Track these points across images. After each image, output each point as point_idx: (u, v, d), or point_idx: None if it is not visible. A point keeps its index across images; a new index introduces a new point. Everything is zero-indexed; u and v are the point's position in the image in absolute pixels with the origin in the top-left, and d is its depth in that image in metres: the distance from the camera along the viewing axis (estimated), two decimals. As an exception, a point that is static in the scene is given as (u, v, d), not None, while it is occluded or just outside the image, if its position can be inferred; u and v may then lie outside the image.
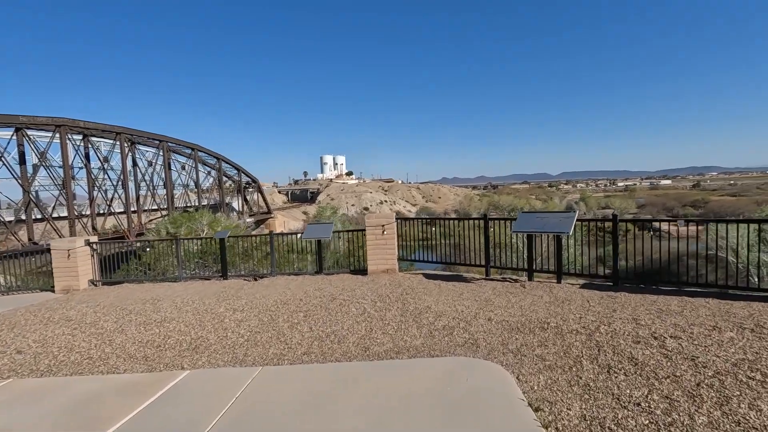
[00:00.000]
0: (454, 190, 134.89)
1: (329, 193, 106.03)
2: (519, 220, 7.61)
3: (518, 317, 5.41)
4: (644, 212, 77.92)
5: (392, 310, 6.18)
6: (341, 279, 8.93)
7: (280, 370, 4.20)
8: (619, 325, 4.76)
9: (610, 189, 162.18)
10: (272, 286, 8.72)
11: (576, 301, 6.03)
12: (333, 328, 5.48)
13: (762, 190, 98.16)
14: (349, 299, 7.03)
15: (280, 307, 6.85)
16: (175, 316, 6.70)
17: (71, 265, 9.63)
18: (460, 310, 5.94)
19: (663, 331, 4.47)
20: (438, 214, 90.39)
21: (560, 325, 4.96)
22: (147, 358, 4.85)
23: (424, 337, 4.92)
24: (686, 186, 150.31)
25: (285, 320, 6.05)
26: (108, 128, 43.09)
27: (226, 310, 6.85)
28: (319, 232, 9.36)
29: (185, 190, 60.42)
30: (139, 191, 49.82)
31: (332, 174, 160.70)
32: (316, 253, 9.61)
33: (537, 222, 7.33)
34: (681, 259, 15.54)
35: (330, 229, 9.36)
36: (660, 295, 6.11)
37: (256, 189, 76.25)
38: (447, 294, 6.97)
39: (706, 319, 4.82)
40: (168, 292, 8.79)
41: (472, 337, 4.79)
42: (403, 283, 8.05)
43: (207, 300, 7.73)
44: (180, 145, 56.23)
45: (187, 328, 5.98)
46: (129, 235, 41.04)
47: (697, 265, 6.94)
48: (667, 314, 5.10)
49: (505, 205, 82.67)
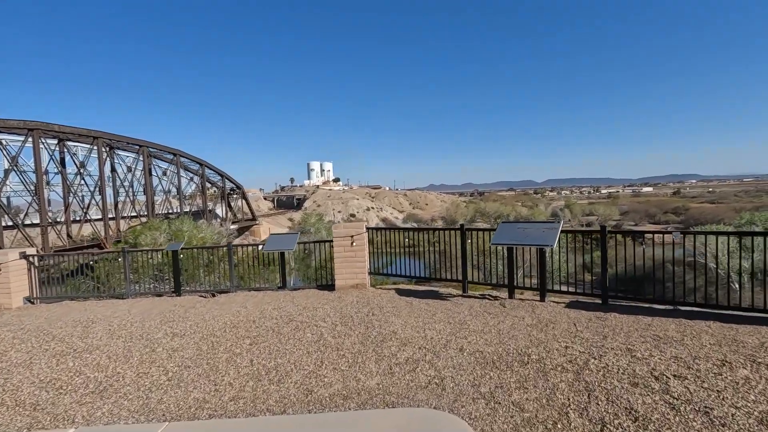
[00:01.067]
0: (441, 197, 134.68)
1: (316, 199, 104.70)
2: (499, 232, 6.87)
3: (495, 346, 4.64)
4: (627, 219, 78.63)
5: (353, 336, 5.35)
6: (306, 295, 8.06)
7: (188, 428, 3.33)
8: (612, 359, 4.02)
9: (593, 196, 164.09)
10: (228, 303, 7.81)
11: (561, 325, 5.28)
12: (278, 361, 4.63)
13: (739, 197, 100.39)
14: (307, 321, 6.18)
15: (227, 331, 5.96)
16: (103, 343, 5.76)
17: (2, 281, 8.56)
18: (429, 336, 5.14)
19: (664, 368, 3.73)
20: (425, 220, 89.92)
21: (543, 358, 4.19)
22: (37, 406, 3.92)
23: (381, 374, 4.10)
24: (667, 193, 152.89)
25: (226, 349, 5.17)
26: (85, 132, 41.47)
27: (165, 336, 5.93)
28: (282, 244, 8.49)
29: (167, 197, 58.73)
30: (117, 197, 48.08)
31: (319, 180, 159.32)
32: (280, 266, 8.72)
33: (518, 233, 6.59)
34: (665, 265, 15.35)
35: (294, 240, 8.50)
36: (654, 316, 5.41)
37: (240, 195, 74.66)
38: (418, 314, 6.16)
39: (711, 349, 4.10)
40: (109, 311, 7.81)
41: (439, 374, 3.99)
42: (372, 300, 7.23)
43: (149, 322, 6.79)
44: (161, 150, 54.67)
45: (108, 360, 5.05)
46: (106, 243, 39.40)
47: (684, 273, 6.40)
48: (665, 343, 4.38)
49: (491, 212, 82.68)
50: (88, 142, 41.87)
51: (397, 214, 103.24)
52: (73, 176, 41.44)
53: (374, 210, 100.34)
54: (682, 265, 7.04)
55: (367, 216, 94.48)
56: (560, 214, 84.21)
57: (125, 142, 47.61)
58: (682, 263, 7.11)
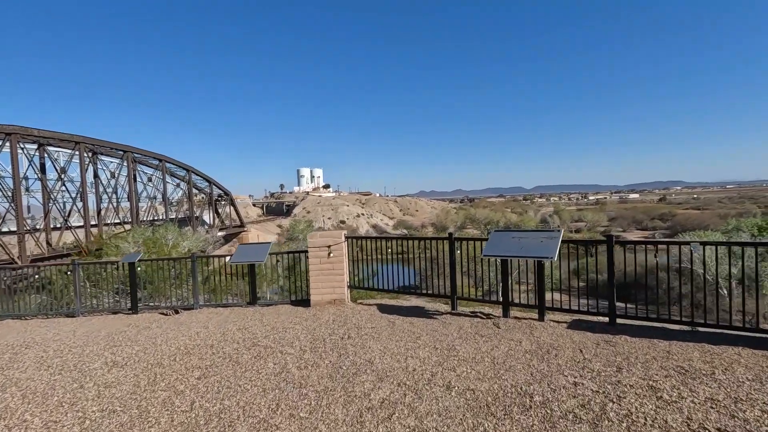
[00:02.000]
0: (431, 203, 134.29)
1: (305, 206, 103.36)
2: (491, 241, 6.09)
3: (489, 381, 3.84)
4: (615, 225, 78.86)
5: (321, 366, 4.52)
6: (277, 312, 7.20)
7: None
8: (634, 402, 3.25)
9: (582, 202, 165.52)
10: (188, 323, 6.91)
11: (565, 351, 4.52)
12: (225, 404, 3.77)
13: (723, 203, 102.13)
14: (272, 346, 5.33)
15: (177, 359, 5.09)
16: (26, 377, 4.84)
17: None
18: (411, 367, 4.33)
19: (702, 416, 2.97)
20: (415, 227, 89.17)
21: (549, 400, 3.41)
22: None
23: (349, 424, 3.27)
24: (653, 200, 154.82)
25: (168, 385, 4.30)
26: (66, 137, 40.14)
27: (102, 366, 5.03)
28: (251, 255, 7.63)
29: (152, 203, 57.25)
30: (100, 204, 46.58)
31: (309, 187, 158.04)
32: (249, 280, 7.84)
33: (513, 244, 5.82)
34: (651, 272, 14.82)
35: (266, 250, 7.65)
36: (671, 340, 4.67)
37: (228, 202, 73.31)
38: (400, 337, 5.35)
39: (752, 388, 3.36)
40: (52, 332, 6.86)
41: (420, 425, 3.17)
42: (350, 318, 6.40)
43: (91, 347, 5.87)
44: (146, 156, 53.37)
45: (20, 402, 4.13)
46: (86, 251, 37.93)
47: (680, 282, 5.72)
48: (693, 378, 3.63)
49: (481, 218, 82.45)
50: (69, 148, 40.50)
51: (387, 220, 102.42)
52: (53, 182, 40.04)
53: (364, 216, 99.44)
54: (689, 279, 6.35)
55: (357, 222, 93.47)
56: (549, 220, 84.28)
57: (109, 147, 46.31)
58: (670, 269, 6.42)
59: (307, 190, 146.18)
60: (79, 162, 40.96)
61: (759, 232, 30.21)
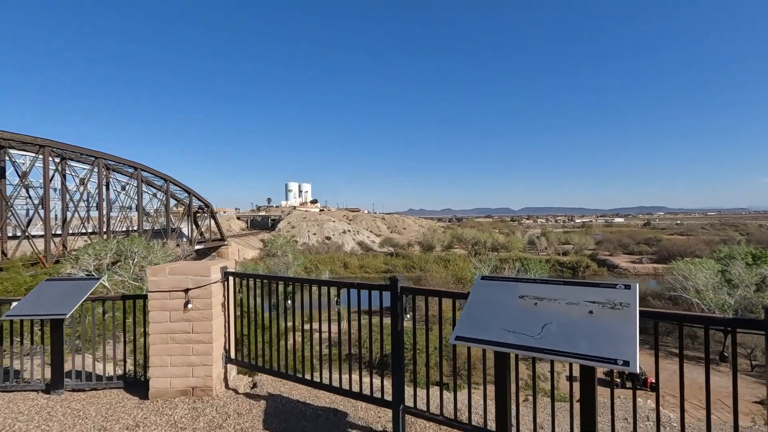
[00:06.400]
0: (419, 221, 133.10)
1: (290, 221, 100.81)
2: (474, 302, 2.55)
3: None
4: (602, 249, 78.28)
5: None
6: (94, 406, 3.88)
7: None
8: None
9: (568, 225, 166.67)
10: None
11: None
12: None
13: (706, 230, 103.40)
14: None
15: None
16: None
17: None
18: None
19: None
20: (402, 245, 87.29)
21: None
22: None
23: None
24: (638, 224, 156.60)
25: None
26: (30, 140, 37.70)
27: None
28: (54, 302, 4.26)
29: (126, 213, 54.42)
30: (66, 212, 43.70)
31: (297, 201, 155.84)
32: (51, 347, 4.27)
33: (523, 314, 2.34)
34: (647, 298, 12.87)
35: (83, 292, 4.37)
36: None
37: (209, 214, 70.62)
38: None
39: None
40: None
41: None
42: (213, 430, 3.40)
43: None
44: (120, 164, 50.89)
45: None
46: (45, 263, 35.07)
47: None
48: None
49: (468, 238, 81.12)
50: (33, 151, 37.96)
51: (374, 237, 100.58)
52: (12, 187, 37.36)
53: (350, 233, 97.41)
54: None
55: (342, 239, 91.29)
56: (537, 242, 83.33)
57: (79, 152, 43.91)
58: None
59: (294, 204, 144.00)
60: (43, 166, 38.46)
61: (753, 261, 29.12)
